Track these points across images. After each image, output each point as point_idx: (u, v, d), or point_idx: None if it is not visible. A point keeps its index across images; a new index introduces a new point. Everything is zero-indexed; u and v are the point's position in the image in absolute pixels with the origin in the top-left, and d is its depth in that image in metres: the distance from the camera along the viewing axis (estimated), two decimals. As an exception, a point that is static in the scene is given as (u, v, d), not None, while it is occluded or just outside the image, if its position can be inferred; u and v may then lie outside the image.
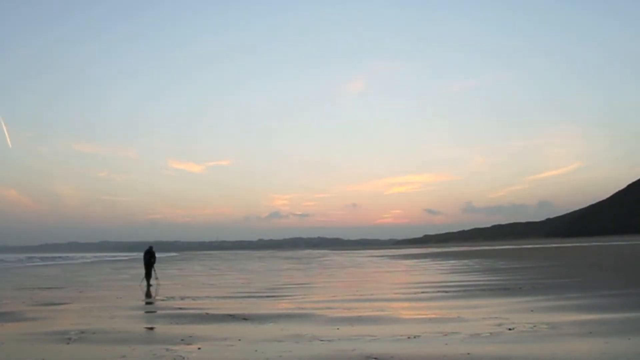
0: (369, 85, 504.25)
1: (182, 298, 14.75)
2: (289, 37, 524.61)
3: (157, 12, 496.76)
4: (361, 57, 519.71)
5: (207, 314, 10.75)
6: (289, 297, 14.26)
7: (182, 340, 7.66)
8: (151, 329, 9.42)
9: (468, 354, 6.20)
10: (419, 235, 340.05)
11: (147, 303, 14.36)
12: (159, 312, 11.97)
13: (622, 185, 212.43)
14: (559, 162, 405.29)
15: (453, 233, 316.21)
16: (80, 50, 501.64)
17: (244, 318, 9.92)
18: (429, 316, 9.59)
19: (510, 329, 7.78)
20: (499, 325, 8.19)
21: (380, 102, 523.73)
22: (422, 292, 14.57)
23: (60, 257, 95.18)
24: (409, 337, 7.39)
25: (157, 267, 23.60)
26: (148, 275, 21.07)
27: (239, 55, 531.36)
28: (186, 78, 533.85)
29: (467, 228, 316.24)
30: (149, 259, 21.44)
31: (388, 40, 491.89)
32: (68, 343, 7.75)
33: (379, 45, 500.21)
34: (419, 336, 7.46)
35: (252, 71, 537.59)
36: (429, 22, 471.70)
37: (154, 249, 22.12)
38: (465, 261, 37.57)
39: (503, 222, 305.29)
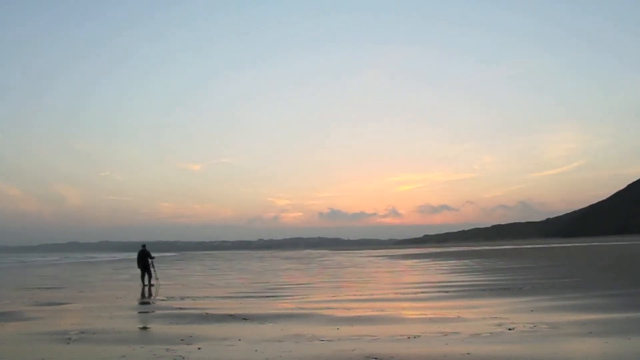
0: (371, 85, 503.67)
1: (182, 298, 14.75)
2: (300, 38, 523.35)
3: (165, 16, 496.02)
4: (366, 55, 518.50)
5: (207, 314, 10.75)
6: (289, 297, 14.26)
7: (182, 340, 7.66)
8: (151, 329, 9.42)
9: (468, 354, 6.20)
10: (419, 235, 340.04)
11: (147, 303, 14.36)
12: (158, 312, 11.96)
13: (622, 185, 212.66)
14: (559, 161, 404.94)
15: (453, 233, 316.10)
16: (80, 46, 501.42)
17: (244, 318, 9.92)
18: (429, 316, 9.58)
19: (510, 329, 7.78)
20: (499, 325, 8.19)
21: (383, 101, 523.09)
22: (422, 292, 14.57)
23: (60, 257, 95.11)
24: (409, 337, 7.39)
25: (157, 267, 23.58)
26: (144, 276, 20.67)
27: (244, 47, 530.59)
28: (186, 74, 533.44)
29: (467, 228, 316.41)
30: (144, 259, 20.82)
31: (395, 35, 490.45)
32: (68, 343, 7.75)
33: (387, 41, 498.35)
34: (419, 336, 7.46)
35: (256, 64, 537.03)
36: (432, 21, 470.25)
37: (147, 248, 21.36)
38: (465, 261, 37.56)
39: (503, 222, 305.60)
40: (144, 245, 21.57)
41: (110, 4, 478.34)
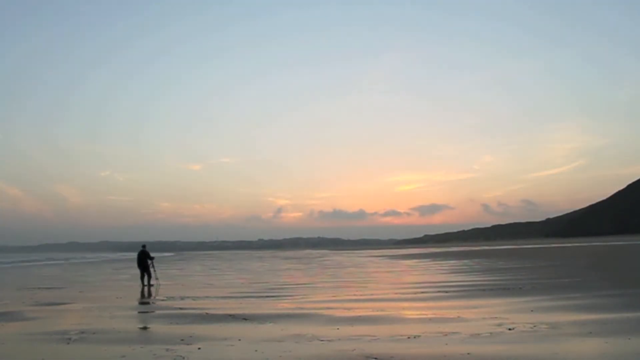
0: (372, 84, 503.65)
1: (182, 298, 14.75)
2: (295, 33, 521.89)
3: (157, 9, 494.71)
4: (367, 54, 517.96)
5: (207, 314, 10.76)
6: (289, 297, 14.27)
7: (182, 340, 7.66)
8: (151, 329, 9.42)
9: (468, 354, 6.20)
10: (419, 235, 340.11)
11: (147, 303, 14.37)
12: (159, 312, 11.96)
13: (622, 185, 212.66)
14: (559, 161, 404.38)
15: (453, 233, 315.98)
16: (82, 49, 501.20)
17: (244, 318, 9.93)
18: (429, 316, 9.59)
19: (510, 329, 7.79)
20: (499, 325, 8.19)
21: (384, 100, 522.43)
22: (422, 292, 14.57)
23: (59, 257, 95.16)
24: (409, 337, 7.40)
25: (157, 267, 23.59)
26: (144, 276, 20.72)
27: (243, 51, 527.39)
28: (188, 75, 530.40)
29: (467, 228, 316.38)
30: (144, 259, 20.89)
31: (397, 35, 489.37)
32: (68, 343, 7.76)
33: (388, 41, 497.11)
34: (419, 336, 7.47)
35: (255, 67, 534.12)
36: (438, 15, 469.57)
37: (147, 248, 21.46)
38: (465, 261, 37.58)
39: (503, 222, 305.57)
40: (143, 246, 21.63)
41: (129, 9, 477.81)
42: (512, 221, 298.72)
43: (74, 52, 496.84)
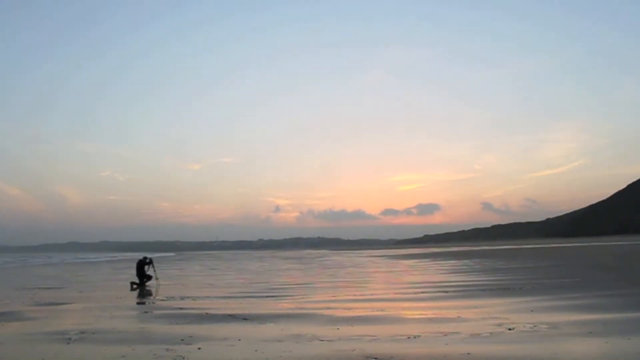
0: (372, 82, 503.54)
1: (182, 298, 14.75)
2: (295, 28, 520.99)
3: (152, 3, 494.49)
4: (368, 51, 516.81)
5: (207, 314, 10.76)
6: (289, 297, 14.27)
7: (182, 340, 7.67)
8: (151, 329, 9.42)
9: (468, 354, 6.20)
10: (419, 235, 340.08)
11: (147, 303, 14.37)
12: (159, 312, 11.96)
13: (622, 185, 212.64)
14: (559, 161, 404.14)
15: (453, 233, 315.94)
16: (75, 45, 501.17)
17: (244, 318, 9.93)
18: (429, 316, 9.59)
19: (510, 329, 7.79)
20: (499, 325, 8.20)
21: (384, 100, 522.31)
22: (422, 292, 14.57)
23: (59, 257, 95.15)
24: (409, 337, 7.40)
25: (157, 267, 23.58)
26: (136, 283, 20.02)
27: (244, 49, 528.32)
28: (185, 73, 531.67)
29: (467, 228, 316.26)
30: (140, 268, 20.27)
31: (400, 32, 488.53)
32: (68, 343, 7.76)
33: (391, 37, 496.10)
34: (419, 336, 7.47)
35: (257, 65, 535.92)
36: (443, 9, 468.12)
37: (147, 259, 20.78)
38: (465, 261, 37.57)
39: (503, 222, 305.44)
40: (144, 257, 21.15)
41: (119, 6, 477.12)
42: (512, 221, 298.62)
43: (67, 48, 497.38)
